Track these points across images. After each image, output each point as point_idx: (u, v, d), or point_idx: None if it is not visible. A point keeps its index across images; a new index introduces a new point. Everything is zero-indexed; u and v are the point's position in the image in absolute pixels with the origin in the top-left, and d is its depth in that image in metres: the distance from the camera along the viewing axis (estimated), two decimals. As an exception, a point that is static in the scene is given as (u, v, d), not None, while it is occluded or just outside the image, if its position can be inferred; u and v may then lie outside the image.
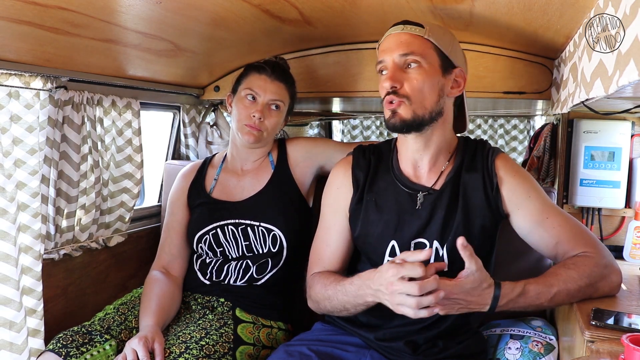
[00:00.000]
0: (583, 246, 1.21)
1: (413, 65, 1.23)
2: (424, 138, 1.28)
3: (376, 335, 1.30)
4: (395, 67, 1.24)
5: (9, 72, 1.33)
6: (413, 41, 1.24)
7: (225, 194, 1.65)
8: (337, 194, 1.38)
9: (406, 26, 1.26)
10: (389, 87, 1.23)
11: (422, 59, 1.23)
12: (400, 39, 1.25)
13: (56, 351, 1.29)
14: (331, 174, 1.42)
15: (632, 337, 0.83)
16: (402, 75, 1.23)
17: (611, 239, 1.82)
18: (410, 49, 1.23)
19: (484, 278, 1.12)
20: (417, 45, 1.24)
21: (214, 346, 1.34)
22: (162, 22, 1.36)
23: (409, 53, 1.23)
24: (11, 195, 1.34)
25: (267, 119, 1.58)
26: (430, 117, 1.25)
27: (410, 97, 1.22)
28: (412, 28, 1.25)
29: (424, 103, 1.23)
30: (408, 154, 1.32)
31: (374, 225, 1.30)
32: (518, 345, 1.28)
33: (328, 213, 1.39)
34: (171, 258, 1.63)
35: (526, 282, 1.15)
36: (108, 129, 1.72)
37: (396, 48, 1.24)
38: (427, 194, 1.28)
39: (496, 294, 1.12)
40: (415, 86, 1.22)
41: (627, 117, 1.75)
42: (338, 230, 1.36)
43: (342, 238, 1.36)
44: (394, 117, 1.23)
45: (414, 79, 1.22)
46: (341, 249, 1.36)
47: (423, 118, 1.24)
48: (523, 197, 1.26)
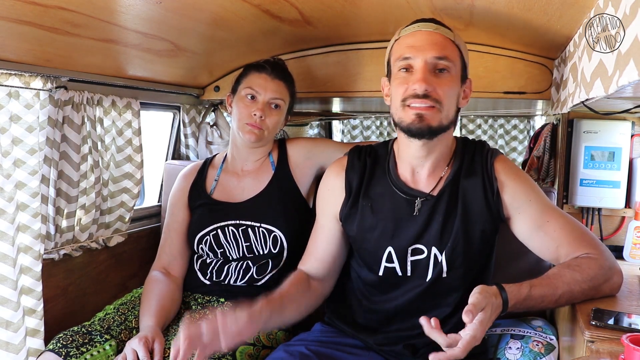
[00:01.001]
0: (585, 248, 1.19)
1: (444, 70, 1.18)
2: (431, 146, 1.23)
3: (375, 339, 1.30)
4: (427, 69, 1.17)
5: (9, 72, 1.32)
6: (447, 44, 1.19)
7: (225, 194, 1.65)
8: (328, 197, 1.36)
9: (439, 26, 1.20)
10: (422, 91, 1.15)
11: (453, 65, 1.19)
12: (434, 39, 1.18)
13: (56, 351, 1.29)
14: (325, 175, 1.40)
15: (632, 337, 0.83)
16: (433, 79, 1.16)
17: (611, 239, 1.82)
18: (445, 52, 1.17)
19: (490, 295, 1.04)
20: (450, 49, 1.19)
21: None
22: (162, 22, 1.36)
23: (444, 57, 1.17)
24: (10, 195, 1.34)
25: (268, 118, 1.58)
26: (448, 126, 1.21)
27: (442, 103, 1.17)
28: (444, 30, 1.20)
29: (449, 112, 1.19)
30: (408, 159, 1.28)
31: (371, 231, 1.28)
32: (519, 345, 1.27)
33: (319, 213, 1.39)
34: (171, 258, 1.63)
35: (531, 285, 1.11)
36: (108, 129, 1.72)
37: (430, 48, 1.17)
38: (425, 199, 1.26)
39: (504, 297, 1.07)
40: (446, 93, 1.17)
41: (627, 117, 1.75)
42: (327, 232, 1.36)
43: (331, 239, 1.35)
44: (421, 122, 1.16)
45: (445, 84, 1.17)
46: (330, 249, 1.36)
47: (445, 127, 1.20)
48: (523, 201, 1.24)
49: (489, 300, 1.03)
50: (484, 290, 1.04)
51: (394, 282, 1.29)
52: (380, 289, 1.31)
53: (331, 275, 1.38)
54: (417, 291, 1.26)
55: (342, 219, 1.33)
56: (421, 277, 1.26)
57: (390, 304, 1.30)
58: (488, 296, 1.03)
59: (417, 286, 1.26)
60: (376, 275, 1.29)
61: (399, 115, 1.21)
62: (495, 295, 1.06)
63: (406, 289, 1.28)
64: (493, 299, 1.04)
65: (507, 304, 1.07)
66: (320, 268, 1.36)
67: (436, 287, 1.26)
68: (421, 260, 1.26)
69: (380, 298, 1.31)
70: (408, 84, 1.18)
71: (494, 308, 1.04)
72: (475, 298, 1.01)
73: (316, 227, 1.39)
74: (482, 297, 1.01)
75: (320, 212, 1.39)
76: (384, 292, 1.31)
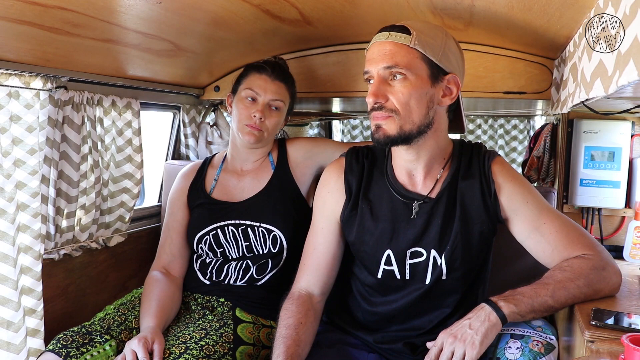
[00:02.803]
0: (581, 249, 1.19)
1: (398, 77, 1.17)
2: (415, 149, 1.23)
3: (375, 338, 1.30)
4: (380, 80, 1.18)
5: (9, 72, 1.33)
6: (398, 51, 1.17)
7: (225, 194, 1.65)
8: (328, 199, 1.34)
9: (391, 33, 1.18)
10: (372, 104, 1.18)
11: (407, 70, 1.16)
12: (384, 50, 1.18)
13: (56, 351, 1.29)
14: (323, 177, 1.38)
15: (632, 337, 0.83)
16: (387, 89, 1.17)
17: (611, 239, 1.82)
18: (394, 60, 1.16)
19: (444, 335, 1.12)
20: (402, 55, 1.17)
21: (214, 346, 1.34)
22: (162, 22, 1.36)
23: (393, 65, 1.16)
24: (10, 196, 1.34)
25: (268, 119, 1.58)
26: (419, 130, 1.19)
27: (397, 112, 1.17)
28: (397, 36, 1.18)
29: (412, 117, 1.18)
30: (401, 163, 1.29)
31: (370, 234, 1.28)
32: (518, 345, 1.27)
33: (318, 216, 1.36)
34: (171, 258, 1.63)
35: (522, 292, 1.13)
36: (108, 129, 1.72)
37: (380, 60, 1.18)
38: (423, 202, 1.26)
39: (500, 315, 1.10)
40: (401, 100, 1.16)
41: (627, 117, 1.75)
42: (327, 234, 1.33)
43: (331, 242, 1.33)
44: (378, 132, 1.19)
45: (399, 92, 1.16)
46: (330, 253, 1.33)
47: (410, 133, 1.19)
48: (520, 203, 1.24)
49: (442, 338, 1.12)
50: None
51: (393, 285, 1.29)
52: (380, 291, 1.31)
53: (329, 285, 1.35)
54: (416, 294, 1.27)
55: (342, 221, 1.32)
56: (420, 280, 1.26)
57: (389, 306, 1.30)
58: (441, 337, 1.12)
59: (417, 289, 1.27)
60: (375, 277, 1.29)
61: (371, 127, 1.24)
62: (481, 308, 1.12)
63: (406, 292, 1.28)
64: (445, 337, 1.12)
65: (505, 319, 1.10)
66: (320, 279, 1.32)
67: (435, 289, 1.26)
68: (420, 263, 1.26)
69: (380, 300, 1.31)
70: (368, 99, 1.20)
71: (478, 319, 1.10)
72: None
73: (314, 231, 1.36)
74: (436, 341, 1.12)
75: (319, 215, 1.36)
76: (383, 295, 1.31)
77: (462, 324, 1.11)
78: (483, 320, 1.09)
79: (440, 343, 1.11)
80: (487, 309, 1.11)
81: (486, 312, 1.10)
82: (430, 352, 1.12)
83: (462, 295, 1.29)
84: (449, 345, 1.09)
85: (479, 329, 1.08)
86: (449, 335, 1.11)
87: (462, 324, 1.11)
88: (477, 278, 1.31)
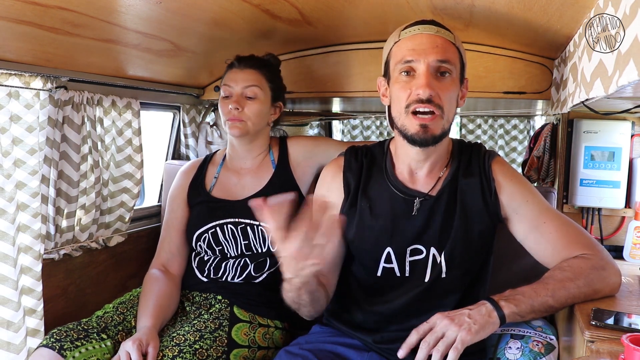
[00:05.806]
0: (581, 249, 1.19)
1: (446, 73, 1.16)
2: (431, 150, 1.23)
3: (374, 338, 1.30)
4: (430, 73, 1.15)
5: (9, 72, 1.33)
6: (448, 47, 1.17)
7: (225, 192, 1.65)
8: (326, 197, 1.34)
9: (440, 29, 1.18)
10: (427, 96, 1.13)
11: (454, 68, 1.17)
12: (436, 42, 1.16)
13: (50, 345, 1.27)
14: (322, 175, 1.39)
15: (632, 337, 0.83)
16: (436, 84, 1.14)
17: (611, 239, 1.82)
18: (447, 55, 1.15)
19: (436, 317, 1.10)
20: (452, 52, 1.17)
21: (207, 350, 1.33)
22: (162, 22, 1.36)
23: (446, 60, 1.15)
24: (10, 196, 1.34)
25: (247, 107, 1.58)
26: (449, 129, 1.21)
27: (443, 109, 1.15)
28: (445, 32, 1.18)
29: (450, 115, 1.18)
30: (406, 161, 1.28)
31: (369, 231, 1.28)
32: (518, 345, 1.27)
33: (316, 214, 1.37)
34: (170, 256, 1.63)
35: (522, 291, 1.12)
36: (108, 129, 1.72)
37: (431, 51, 1.15)
38: (424, 199, 1.26)
39: (494, 306, 1.10)
40: (447, 97, 1.15)
41: (627, 117, 1.75)
42: None
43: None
44: (426, 133, 1.15)
45: (446, 89, 1.15)
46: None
47: (444, 132, 1.19)
48: (521, 202, 1.25)
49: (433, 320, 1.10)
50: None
51: (392, 283, 1.29)
52: (379, 290, 1.31)
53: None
54: (415, 292, 1.26)
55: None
56: (420, 277, 1.26)
57: (388, 305, 1.29)
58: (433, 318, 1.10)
59: (416, 287, 1.26)
60: (374, 276, 1.29)
61: (402, 122, 1.20)
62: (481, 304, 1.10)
63: (404, 290, 1.28)
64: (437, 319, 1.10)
65: (504, 319, 1.09)
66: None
67: (435, 288, 1.26)
68: (420, 261, 1.26)
69: (379, 299, 1.31)
70: (411, 88, 1.16)
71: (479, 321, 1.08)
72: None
73: None
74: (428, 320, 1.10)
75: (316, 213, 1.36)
76: (382, 294, 1.31)
77: (461, 312, 1.10)
78: (483, 315, 1.09)
79: (433, 322, 1.09)
80: (489, 306, 1.10)
81: (487, 308, 1.10)
82: (420, 327, 1.10)
83: (462, 295, 1.29)
84: (442, 326, 1.07)
85: (478, 320, 1.08)
86: (445, 316, 1.09)
87: (461, 312, 1.10)
88: (477, 278, 1.31)
